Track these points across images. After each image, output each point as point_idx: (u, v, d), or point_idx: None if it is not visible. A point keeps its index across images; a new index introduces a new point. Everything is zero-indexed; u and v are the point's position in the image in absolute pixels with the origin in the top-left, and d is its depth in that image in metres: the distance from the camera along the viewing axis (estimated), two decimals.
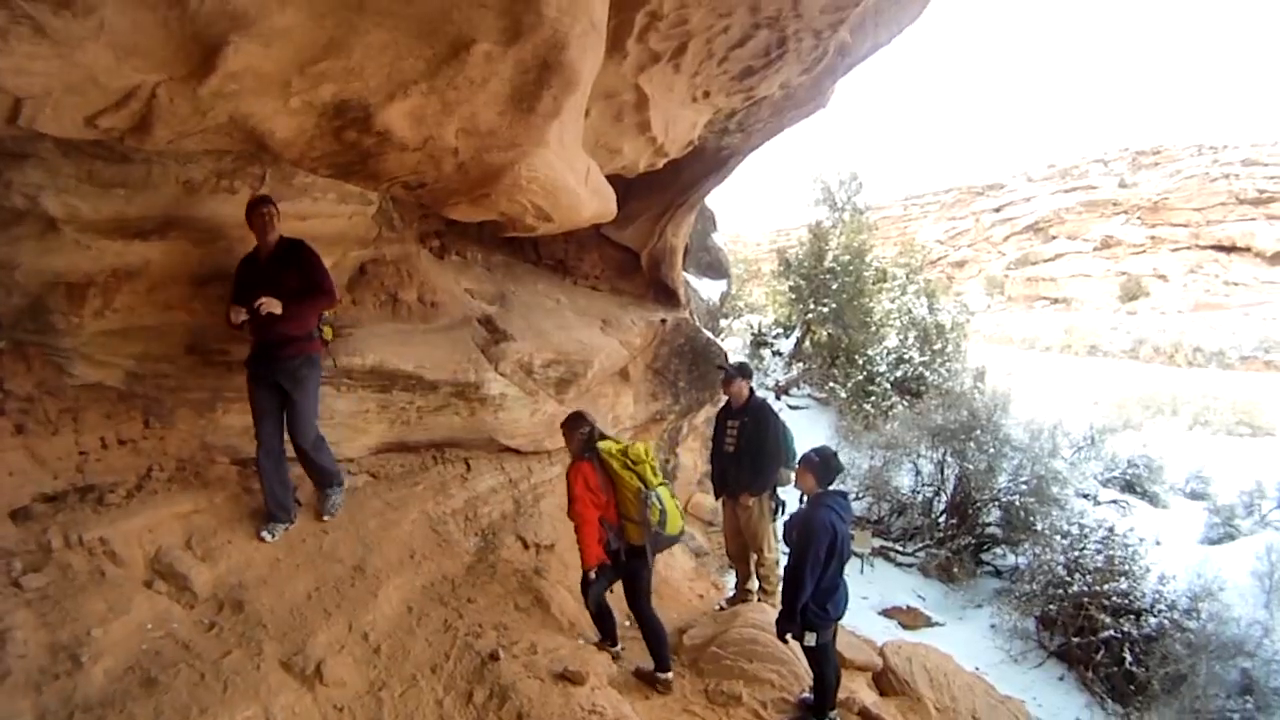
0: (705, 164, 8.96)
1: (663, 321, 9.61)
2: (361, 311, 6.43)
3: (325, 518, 5.66)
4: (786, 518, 6.42)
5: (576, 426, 5.89)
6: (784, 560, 6.18)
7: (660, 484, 5.76)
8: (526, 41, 3.83)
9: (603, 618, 6.14)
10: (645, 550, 5.72)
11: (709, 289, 12.64)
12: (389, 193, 5.39)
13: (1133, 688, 10.29)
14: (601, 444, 5.82)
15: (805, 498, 5.88)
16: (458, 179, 4.55)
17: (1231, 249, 73.01)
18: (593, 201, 5.95)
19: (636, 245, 9.53)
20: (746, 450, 7.80)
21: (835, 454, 6.02)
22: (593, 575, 5.64)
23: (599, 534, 5.59)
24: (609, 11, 4.48)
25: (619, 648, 6.27)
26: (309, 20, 3.35)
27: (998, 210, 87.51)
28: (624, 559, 5.77)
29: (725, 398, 8.28)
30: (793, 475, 6.44)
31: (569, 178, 5.16)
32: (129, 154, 4.51)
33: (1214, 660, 9.89)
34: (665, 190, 9.11)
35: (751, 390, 8.09)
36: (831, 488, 5.86)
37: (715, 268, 13.34)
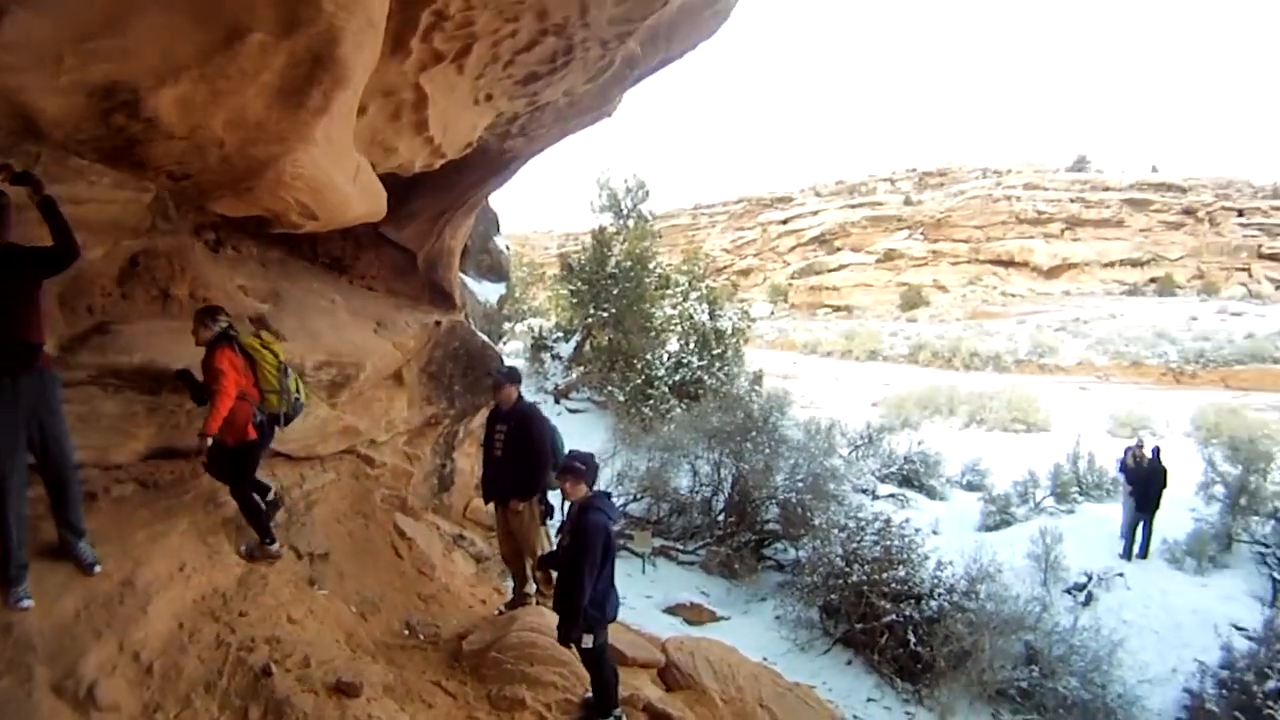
0: (486, 167, 9.07)
1: (437, 324, 9.72)
2: (131, 307, 6.23)
3: (97, 569, 5.14)
4: (557, 525, 6.72)
5: (215, 317, 6.08)
6: None
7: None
8: (302, 34, 3.95)
9: (255, 512, 6.54)
10: (281, 419, 6.49)
11: (488, 292, 12.74)
12: (155, 182, 5.29)
13: (920, 666, 11.04)
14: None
15: (570, 502, 6.15)
16: (222, 171, 4.60)
17: (1010, 263, 79.46)
18: (362, 200, 6.07)
19: (414, 246, 9.55)
20: (515, 455, 8.05)
21: (592, 455, 6.35)
22: (209, 442, 5.90)
23: (246, 411, 6.13)
24: (394, 8, 4.61)
25: (275, 545, 6.66)
26: None
27: (785, 222, 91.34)
28: (266, 429, 6.36)
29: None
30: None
31: (336, 176, 5.26)
32: None
33: (996, 636, 10.65)
34: (445, 191, 9.17)
35: (520, 395, 8.34)
36: (595, 489, 6.17)
37: (496, 270, 13.47)
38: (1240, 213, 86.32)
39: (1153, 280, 79.84)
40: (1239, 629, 12.56)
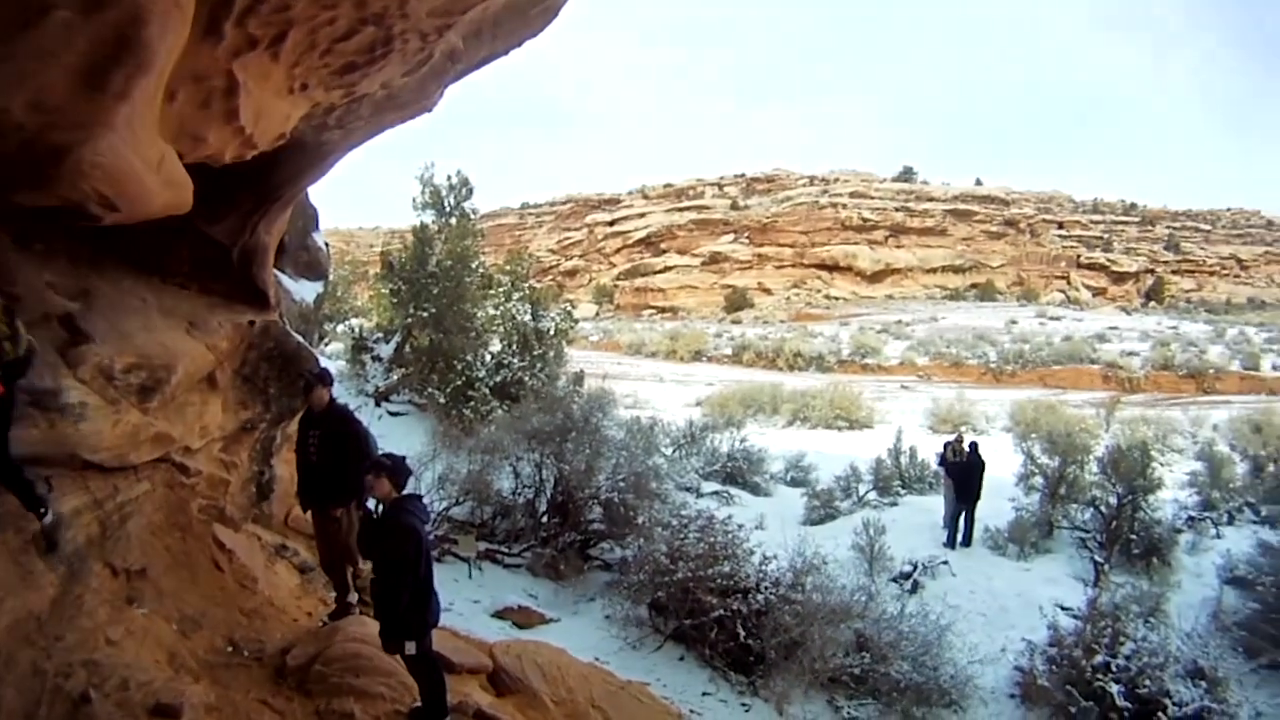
0: (302, 160, 8.89)
1: (250, 324, 9.43)
2: None
3: None
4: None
5: None
6: None
7: None
8: (107, 12, 3.90)
9: (19, 482, 5.96)
10: (22, 366, 5.83)
11: (305, 290, 12.41)
12: None
13: (752, 659, 11.35)
14: None
15: (380, 505, 6.18)
16: (21, 159, 4.47)
17: (834, 268, 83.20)
18: (165, 192, 5.93)
19: (229, 241, 9.26)
20: (330, 459, 8.04)
21: (404, 458, 6.40)
22: None
23: None
24: None
25: (49, 515, 6.09)
26: None
27: (612, 224, 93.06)
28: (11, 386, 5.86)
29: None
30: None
31: (137, 165, 5.16)
32: None
33: (825, 625, 11.06)
34: (260, 185, 8.93)
35: (332, 398, 8.35)
36: (406, 492, 6.21)
37: (314, 268, 13.10)
38: (1060, 225, 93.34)
39: (974, 286, 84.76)
40: (1064, 609, 13.65)
